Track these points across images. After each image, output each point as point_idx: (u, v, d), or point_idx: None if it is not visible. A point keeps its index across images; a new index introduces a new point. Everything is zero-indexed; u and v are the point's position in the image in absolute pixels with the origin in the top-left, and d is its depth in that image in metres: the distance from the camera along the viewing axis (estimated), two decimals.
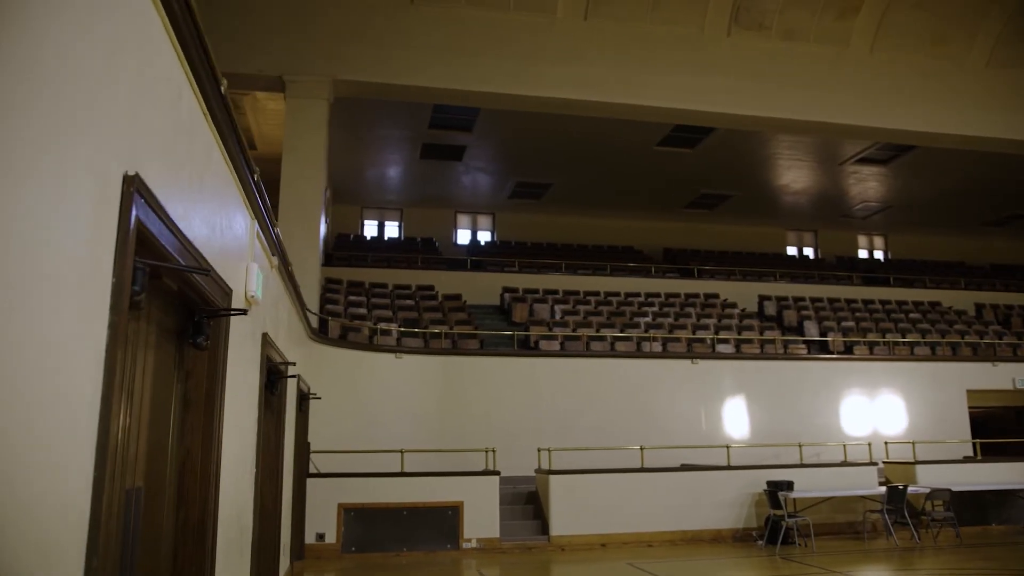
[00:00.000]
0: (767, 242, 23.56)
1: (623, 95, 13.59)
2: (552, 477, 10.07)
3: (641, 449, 10.55)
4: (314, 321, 11.40)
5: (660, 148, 18.29)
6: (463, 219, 23.14)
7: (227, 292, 3.68)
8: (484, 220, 23.23)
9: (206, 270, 3.06)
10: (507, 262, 18.34)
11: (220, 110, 3.31)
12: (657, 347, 13.04)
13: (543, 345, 12.79)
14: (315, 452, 9.73)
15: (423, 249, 20.44)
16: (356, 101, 14.80)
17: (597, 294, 16.46)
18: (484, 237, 23.19)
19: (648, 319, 14.68)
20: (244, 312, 3.79)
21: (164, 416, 3.20)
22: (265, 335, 5.18)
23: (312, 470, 9.70)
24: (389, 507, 9.61)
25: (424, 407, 11.25)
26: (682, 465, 11.03)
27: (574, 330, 13.41)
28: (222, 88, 3.21)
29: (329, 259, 17.70)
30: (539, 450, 10.58)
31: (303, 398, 9.35)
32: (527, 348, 12.94)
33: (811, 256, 24.44)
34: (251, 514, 4.85)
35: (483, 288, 16.68)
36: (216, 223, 3.43)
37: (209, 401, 3.52)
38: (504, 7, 12.95)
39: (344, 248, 19.90)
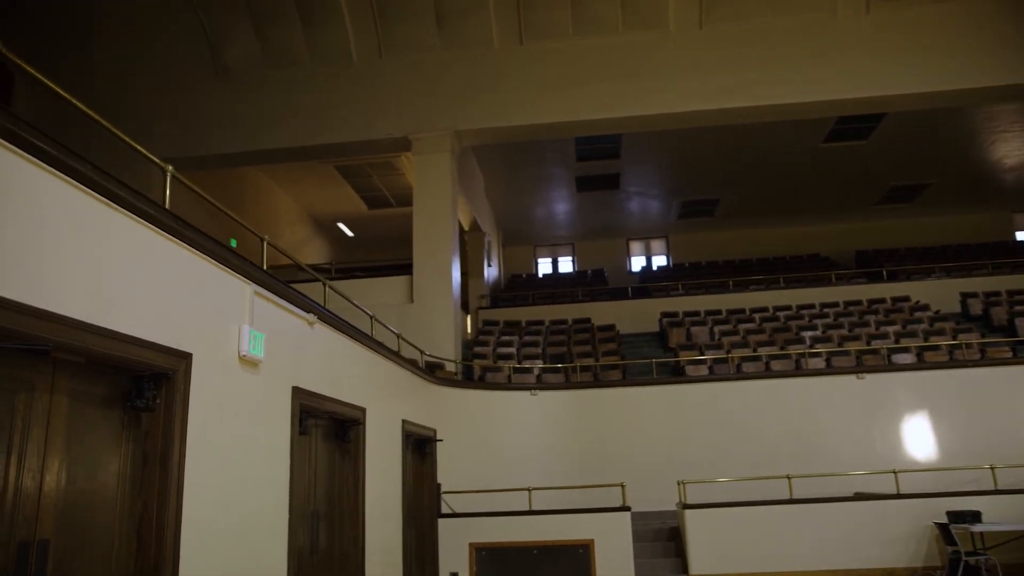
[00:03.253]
0: (989, 230, 20.51)
1: (762, 96, 12.74)
2: (687, 512, 9.46)
3: (788, 478, 9.57)
4: (453, 366, 11.84)
5: (828, 145, 16.86)
6: (635, 246, 22.83)
7: (182, 356, 4.02)
8: (657, 244, 22.75)
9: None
10: (673, 286, 17.73)
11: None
12: (820, 363, 11.81)
13: (690, 370, 12.14)
14: (446, 493, 10.02)
15: (591, 281, 20.43)
16: (507, 145, 15.34)
17: (765, 310, 15.33)
18: (659, 261, 22.66)
19: (816, 332, 13.37)
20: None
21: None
22: (296, 388, 5.51)
23: (446, 510, 10.00)
24: (520, 546, 9.60)
25: (559, 443, 11.13)
26: (856, 494, 9.82)
27: (728, 352, 12.58)
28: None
29: (495, 301, 18.30)
30: (679, 483, 10.01)
31: (423, 442, 9.73)
32: (675, 375, 12.36)
33: None
34: (284, 556, 5.13)
35: (643, 315, 16.26)
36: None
37: (164, 459, 3.85)
38: (613, 30, 12.79)
39: (516, 288, 20.47)
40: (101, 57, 13.39)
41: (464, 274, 18.34)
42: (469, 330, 16.13)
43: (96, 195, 3.43)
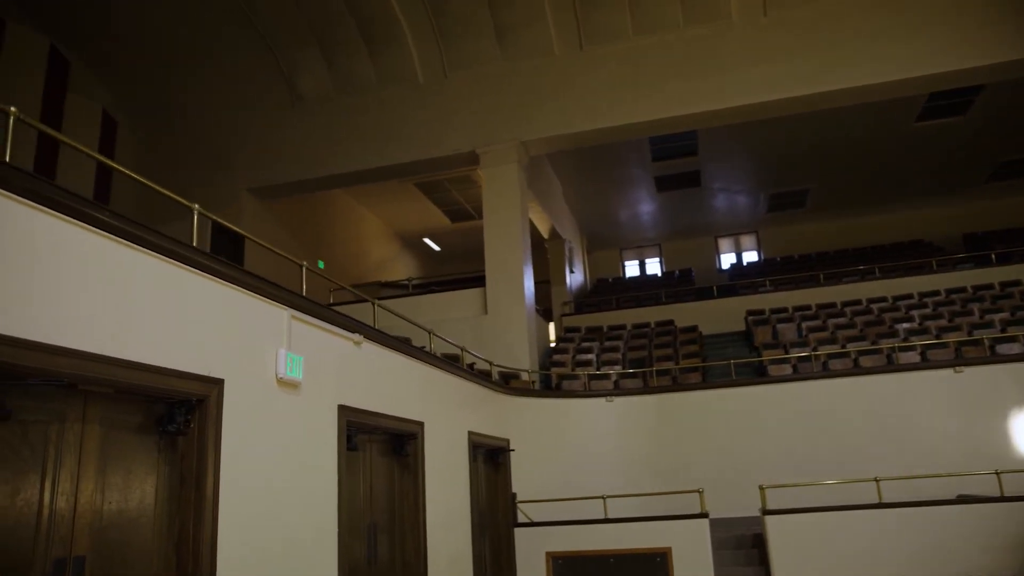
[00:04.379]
0: None
1: (836, 80, 12.15)
2: (769, 518, 9.12)
3: (876, 481, 9.06)
4: (533, 376, 11.91)
5: (921, 124, 15.90)
6: (724, 243, 22.23)
7: (213, 382, 4.29)
8: (747, 240, 22.06)
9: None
10: (760, 282, 17.14)
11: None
12: (914, 357, 11.13)
13: (772, 370, 11.71)
14: (521, 502, 10.10)
15: (678, 282, 20.04)
16: (581, 151, 15.32)
17: (858, 303, 14.58)
18: (750, 258, 21.97)
19: (913, 324, 12.60)
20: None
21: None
22: (342, 406, 5.73)
23: (522, 519, 10.07)
24: (596, 554, 9.53)
25: (636, 450, 10.98)
26: (959, 496, 9.20)
27: (815, 349, 12.05)
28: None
29: (579, 307, 18.26)
30: (760, 488, 9.67)
31: (496, 452, 9.84)
32: (759, 375, 11.96)
33: None
34: (335, 568, 5.34)
35: (729, 315, 15.81)
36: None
37: (199, 480, 4.12)
38: (673, 27, 12.55)
39: (603, 292, 20.34)
40: (190, 96, 14.34)
41: (546, 282, 18.43)
42: (552, 338, 16.16)
43: (118, 239, 3.72)
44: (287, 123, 14.12)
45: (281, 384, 4.97)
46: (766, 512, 9.18)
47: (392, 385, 6.80)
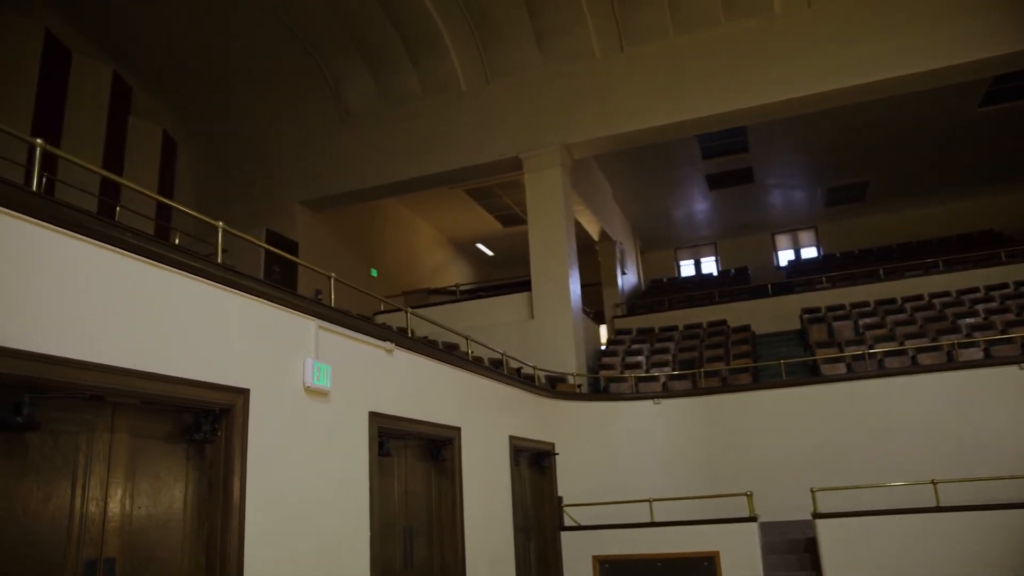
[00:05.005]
0: None
1: (887, 68, 11.74)
2: (820, 522, 8.90)
3: (933, 483, 8.72)
4: (580, 380, 11.91)
5: (985, 109, 15.26)
6: (782, 239, 21.74)
7: (239, 392, 4.48)
8: (806, 236, 21.53)
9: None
10: (817, 280, 16.70)
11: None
12: (977, 354, 10.67)
13: (826, 369, 11.40)
14: (567, 506, 10.11)
15: (734, 281, 19.69)
16: (628, 152, 15.23)
17: (919, 298, 14.05)
18: (809, 253, 21.42)
19: (977, 319, 12.08)
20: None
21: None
22: (373, 412, 5.89)
23: (569, 523, 10.08)
24: (643, 558, 9.47)
25: (684, 452, 10.83)
26: None
27: (870, 347, 11.69)
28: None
29: (632, 309, 18.15)
30: (812, 491, 9.44)
31: (541, 456, 9.88)
32: (812, 375, 11.66)
33: None
34: (367, 569, 5.49)
35: (784, 313, 15.45)
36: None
37: (226, 485, 4.31)
38: (715, 23, 12.38)
39: (657, 293, 20.15)
40: (244, 114, 14.89)
41: (597, 284, 18.39)
42: (603, 340, 16.10)
43: (144, 259, 3.94)
44: (336, 136, 14.51)
45: (309, 392, 5.15)
46: (817, 516, 8.96)
47: (427, 391, 6.93)
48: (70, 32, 12.72)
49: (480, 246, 21.86)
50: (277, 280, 13.47)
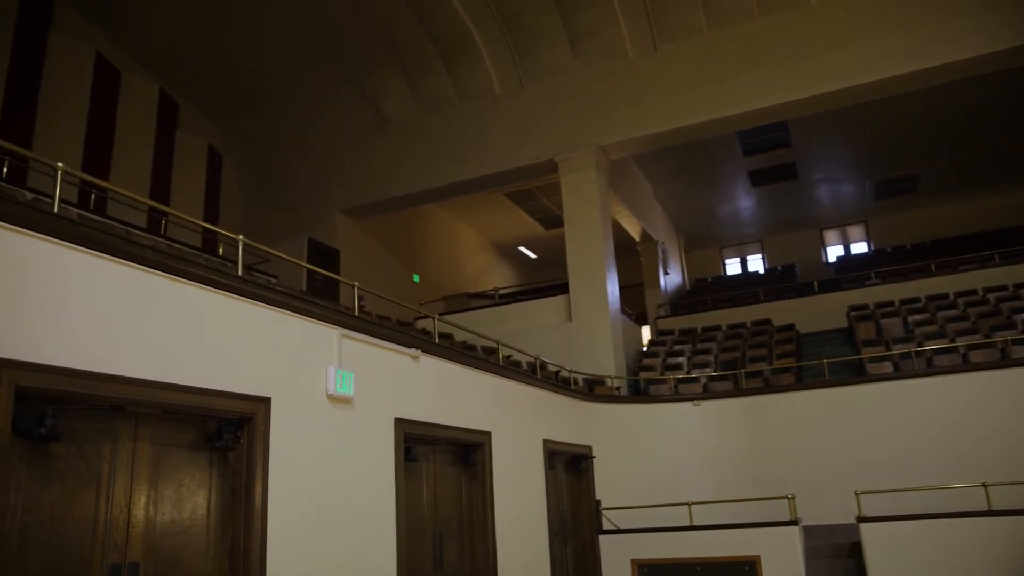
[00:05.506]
0: None
1: (932, 56, 11.40)
2: (864, 525, 8.66)
3: (984, 486, 8.40)
4: (619, 382, 11.84)
5: None
6: (831, 235, 21.24)
7: (260, 400, 4.60)
8: (855, 231, 20.98)
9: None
10: (865, 275, 16.25)
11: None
12: None
13: (871, 368, 11.08)
14: (605, 509, 10.06)
15: (780, 278, 19.30)
16: (667, 151, 15.03)
17: (973, 293, 13.55)
18: (859, 248, 20.86)
19: None
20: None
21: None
22: (399, 418, 5.97)
23: (608, 526, 10.03)
24: (682, 562, 9.36)
25: (724, 455, 10.65)
26: None
27: (919, 344, 11.33)
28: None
29: (675, 309, 17.95)
30: (856, 493, 9.20)
31: (577, 459, 9.86)
32: (858, 374, 11.36)
33: None
34: (394, 571, 5.57)
35: (830, 311, 15.06)
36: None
37: (248, 491, 4.44)
38: (749, 18, 12.17)
39: (702, 292, 19.89)
40: (286, 126, 15.26)
41: (639, 285, 18.24)
42: (645, 342, 15.96)
43: (162, 273, 4.08)
44: (374, 144, 14.74)
45: (332, 400, 5.26)
46: (862, 519, 8.73)
47: (455, 396, 6.99)
48: (118, 53, 13.21)
49: (523, 249, 21.91)
50: (319, 288, 13.77)
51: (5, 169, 9.59)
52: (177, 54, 13.79)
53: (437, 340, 7.06)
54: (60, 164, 3.74)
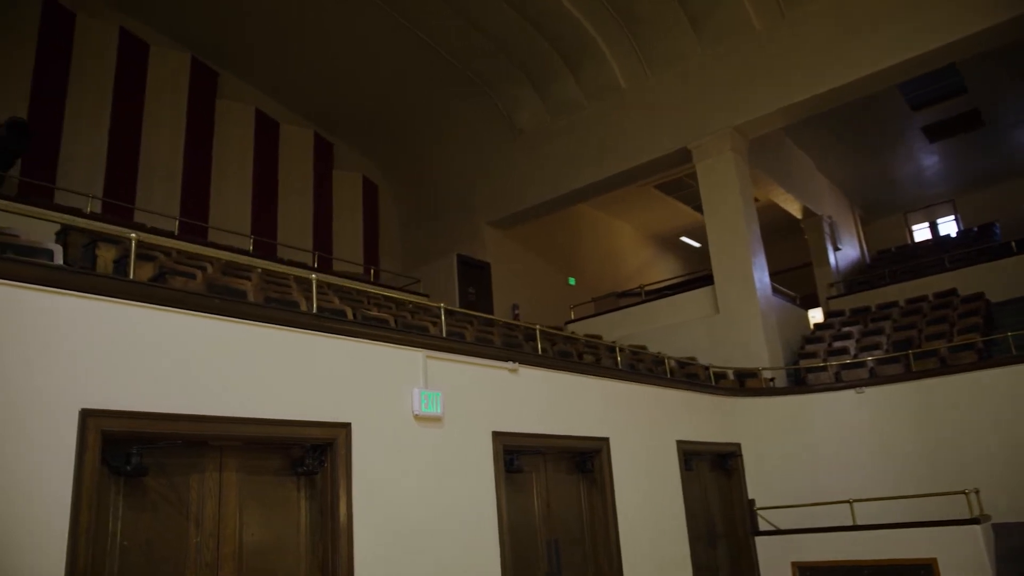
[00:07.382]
0: None
1: None
2: None
3: None
4: (775, 373, 11.21)
5: None
6: None
7: (340, 426, 4.94)
8: None
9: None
10: None
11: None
12: None
13: None
14: (760, 509, 9.56)
15: (976, 240, 17.18)
16: (821, 117, 13.81)
17: None
18: None
19: None
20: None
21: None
22: (497, 432, 6.11)
23: (765, 527, 9.52)
24: (847, 565, 8.66)
25: (893, 446, 9.65)
26: None
27: None
28: None
29: (850, 287, 16.61)
30: None
31: (724, 457, 9.46)
32: None
33: None
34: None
35: None
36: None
37: (333, 511, 4.79)
38: None
39: (884, 264, 18.20)
40: (431, 151, 16.06)
41: (807, 265, 17.08)
42: (812, 326, 14.89)
43: (240, 320, 4.55)
44: (512, 156, 15.08)
45: (419, 420, 5.51)
46: None
47: (563, 405, 7.01)
48: (275, 105, 14.64)
49: (685, 239, 21.29)
50: (472, 301, 14.32)
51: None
52: (328, 99, 14.99)
53: (540, 351, 7.12)
54: (133, 235, 4.28)
